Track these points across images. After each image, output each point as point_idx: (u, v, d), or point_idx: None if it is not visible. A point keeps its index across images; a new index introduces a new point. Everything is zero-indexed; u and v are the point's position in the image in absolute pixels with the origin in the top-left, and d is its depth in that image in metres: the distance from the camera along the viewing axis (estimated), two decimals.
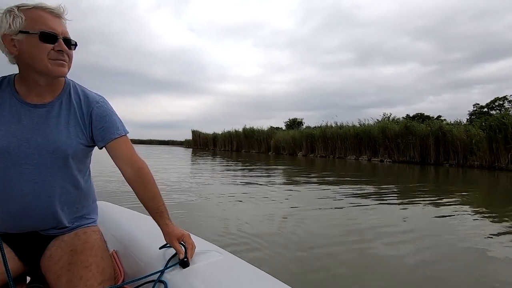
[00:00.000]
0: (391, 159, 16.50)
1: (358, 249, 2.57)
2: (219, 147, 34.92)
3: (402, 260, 2.37)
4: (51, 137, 0.87)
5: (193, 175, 8.17)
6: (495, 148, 12.09)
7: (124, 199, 4.01)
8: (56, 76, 0.86)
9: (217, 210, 3.87)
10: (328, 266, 2.22)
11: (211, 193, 5.16)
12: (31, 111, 0.87)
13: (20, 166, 0.84)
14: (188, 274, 0.81)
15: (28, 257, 0.91)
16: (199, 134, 40.58)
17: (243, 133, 30.71)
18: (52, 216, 0.90)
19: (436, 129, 15.03)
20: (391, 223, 3.44)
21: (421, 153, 15.55)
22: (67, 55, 0.86)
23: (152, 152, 24.19)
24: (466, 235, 3.06)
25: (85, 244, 0.89)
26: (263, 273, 0.84)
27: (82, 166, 0.97)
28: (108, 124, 0.94)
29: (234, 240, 2.68)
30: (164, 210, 0.94)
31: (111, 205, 1.44)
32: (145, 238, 1.05)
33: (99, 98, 0.98)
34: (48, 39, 0.81)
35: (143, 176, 0.95)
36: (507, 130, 11.67)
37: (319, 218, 3.61)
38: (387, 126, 17.06)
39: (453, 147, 14.27)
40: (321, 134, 21.03)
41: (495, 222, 3.64)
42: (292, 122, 38.37)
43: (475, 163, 13.02)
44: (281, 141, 25.02)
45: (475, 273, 2.18)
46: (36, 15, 0.82)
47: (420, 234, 3.03)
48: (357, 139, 18.61)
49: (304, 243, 2.69)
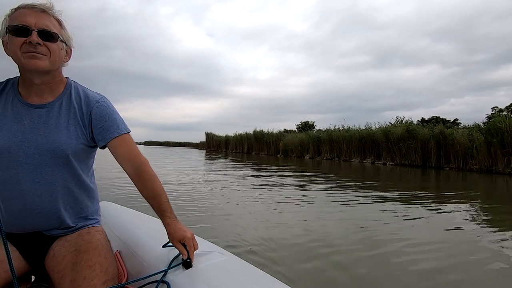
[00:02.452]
0: (393, 162, 16.35)
1: (369, 255, 2.43)
2: (231, 149, 35.11)
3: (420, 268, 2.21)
4: (51, 137, 0.84)
5: (204, 173, 8.27)
6: (493, 152, 11.94)
7: (126, 199, 3.99)
8: (30, 69, 0.82)
9: (220, 210, 3.86)
10: (332, 267, 2.15)
11: (219, 190, 5.20)
12: (32, 111, 0.85)
13: (20, 166, 0.82)
14: (190, 275, 0.79)
15: (32, 256, 0.89)
16: (213, 137, 40.95)
17: (253, 135, 30.93)
18: (55, 216, 0.87)
19: (437, 133, 14.86)
20: (399, 229, 3.35)
21: (422, 157, 15.38)
22: (46, 47, 0.81)
23: (167, 153, 24.82)
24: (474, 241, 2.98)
25: (89, 244, 0.87)
26: (265, 274, 0.82)
27: (84, 166, 0.94)
28: (108, 123, 0.92)
29: (240, 242, 2.62)
30: (166, 208, 0.91)
31: (114, 205, 1.42)
32: (148, 239, 1.03)
33: (100, 97, 0.95)
34: (19, 32, 0.78)
35: (144, 174, 0.92)
36: (503, 134, 11.53)
37: (328, 219, 3.56)
38: (390, 130, 16.89)
39: (453, 151, 14.07)
40: (327, 137, 21.04)
41: (499, 229, 3.54)
42: (304, 125, 38.41)
43: (474, 166, 12.79)
44: (290, 144, 25.03)
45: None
46: (16, 14, 0.80)
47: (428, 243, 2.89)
48: (361, 142, 18.51)
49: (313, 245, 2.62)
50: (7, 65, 0.82)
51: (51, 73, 0.86)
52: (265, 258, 2.24)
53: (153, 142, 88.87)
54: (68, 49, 0.91)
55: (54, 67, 0.85)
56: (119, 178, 5.93)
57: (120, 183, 5.47)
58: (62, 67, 0.91)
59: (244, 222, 3.27)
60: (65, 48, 0.89)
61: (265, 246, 2.49)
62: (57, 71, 0.89)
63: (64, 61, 0.90)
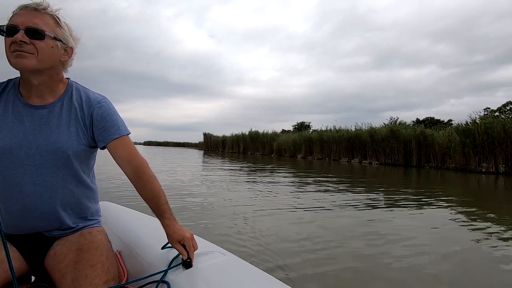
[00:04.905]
0: (378, 161, 16.79)
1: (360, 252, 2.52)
2: (228, 149, 35.29)
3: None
4: (52, 138, 0.81)
5: (199, 171, 8.48)
6: (467, 152, 12.46)
7: (127, 199, 3.97)
8: (18, 68, 0.78)
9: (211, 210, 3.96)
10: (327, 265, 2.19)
11: (215, 191, 5.33)
12: (33, 112, 0.82)
13: (21, 167, 0.79)
14: (191, 275, 0.77)
15: (33, 257, 0.85)
16: (210, 137, 41.27)
17: (249, 136, 31.26)
18: (55, 217, 0.84)
19: (418, 134, 15.33)
20: (383, 220, 3.51)
21: (404, 156, 15.82)
22: (33, 46, 0.77)
23: (156, 152, 24.77)
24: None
25: (91, 243, 0.85)
26: (266, 274, 0.80)
27: (85, 167, 0.91)
28: (108, 124, 0.89)
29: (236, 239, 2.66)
30: (165, 209, 0.88)
31: (114, 205, 1.39)
32: (148, 239, 1.00)
33: (101, 98, 0.92)
34: (8, 32, 0.75)
35: (142, 175, 0.89)
36: (474, 136, 12.10)
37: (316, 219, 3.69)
38: (375, 130, 17.35)
39: (433, 151, 14.56)
40: (319, 137, 21.41)
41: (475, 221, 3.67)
42: (300, 125, 38.19)
43: (451, 165, 13.25)
44: (283, 144, 25.40)
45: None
46: (13, 16, 0.77)
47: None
48: (350, 142, 18.93)
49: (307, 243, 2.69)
50: (7, 65, 0.78)
51: (45, 72, 0.81)
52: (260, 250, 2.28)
53: (153, 142, 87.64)
54: (67, 47, 0.85)
55: (43, 66, 0.79)
56: (119, 178, 5.94)
57: (120, 183, 5.46)
58: (63, 66, 0.87)
59: (225, 216, 3.36)
60: (61, 47, 0.83)
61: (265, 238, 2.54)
62: (54, 71, 0.84)
63: (62, 60, 0.85)
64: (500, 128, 11.52)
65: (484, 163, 11.94)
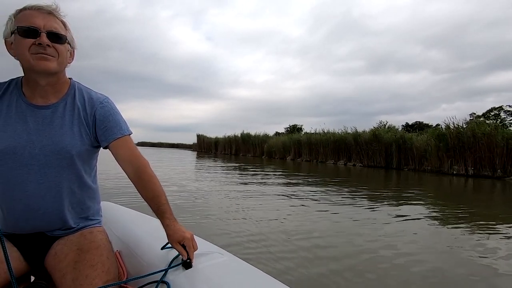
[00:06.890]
0: (362, 163, 17.26)
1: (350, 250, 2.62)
2: (220, 150, 35.44)
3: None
4: (55, 138, 0.80)
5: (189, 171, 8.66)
6: (440, 155, 13.04)
7: (127, 199, 3.96)
8: (39, 70, 0.78)
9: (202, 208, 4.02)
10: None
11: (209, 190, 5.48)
12: (36, 112, 0.80)
13: (25, 166, 0.77)
14: (190, 275, 0.76)
15: (33, 257, 0.83)
16: (203, 138, 41.30)
17: (241, 138, 31.48)
18: (57, 217, 0.83)
19: (398, 138, 15.87)
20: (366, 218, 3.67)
21: (386, 159, 16.33)
22: (54, 49, 0.78)
23: (155, 154, 24.75)
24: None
25: (91, 243, 0.83)
26: (265, 275, 0.79)
27: (87, 167, 0.89)
28: (111, 123, 0.88)
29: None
30: (165, 209, 0.86)
31: (114, 205, 1.37)
32: (148, 239, 0.98)
33: (103, 98, 0.90)
34: (28, 33, 0.74)
35: (143, 175, 0.88)
36: (447, 140, 12.72)
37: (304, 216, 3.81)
38: (359, 134, 17.86)
39: (411, 154, 15.08)
40: (307, 140, 21.82)
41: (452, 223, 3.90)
42: (293, 128, 38.07)
43: (427, 168, 13.81)
44: (273, 146, 25.74)
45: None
46: (22, 15, 0.76)
47: None
48: (336, 145, 19.41)
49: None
50: (8, 66, 0.74)
51: (57, 74, 0.82)
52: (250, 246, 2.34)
53: (146, 143, 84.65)
54: (71, 50, 0.87)
55: (61, 69, 0.82)
56: (120, 178, 5.91)
57: (120, 183, 5.45)
58: (66, 68, 0.87)
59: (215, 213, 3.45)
60: (69, 50, 0.85)
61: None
62: (62, 73, 0.85)
63: (69, 63, 0.86)
64: (470, 133, 12.04)
65: (456, 166, 12.48)
